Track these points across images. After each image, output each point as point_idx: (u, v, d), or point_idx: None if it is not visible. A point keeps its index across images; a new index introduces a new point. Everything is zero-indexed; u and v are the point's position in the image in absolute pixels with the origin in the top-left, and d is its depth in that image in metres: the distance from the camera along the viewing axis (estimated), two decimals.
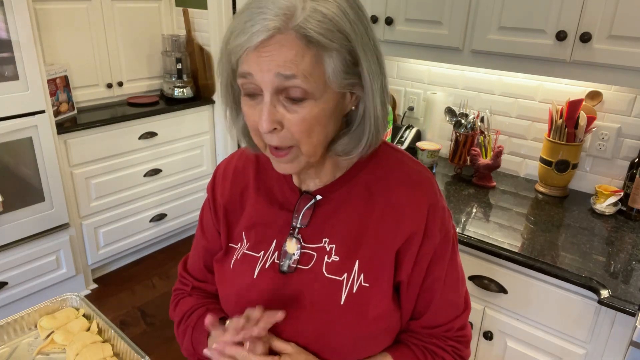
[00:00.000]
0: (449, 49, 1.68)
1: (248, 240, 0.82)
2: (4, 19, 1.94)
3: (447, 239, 0.77)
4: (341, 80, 0.65)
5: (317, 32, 0.60)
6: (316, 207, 0.78)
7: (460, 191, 1.78)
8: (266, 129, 0.64)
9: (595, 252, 1.38)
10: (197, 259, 0.94)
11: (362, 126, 0.70)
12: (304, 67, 0.61)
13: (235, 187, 0.85)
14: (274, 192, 0.82)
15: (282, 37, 0.60)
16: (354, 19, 0.64)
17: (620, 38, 1.34)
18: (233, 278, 0.82)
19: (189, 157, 2.93)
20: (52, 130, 2.20)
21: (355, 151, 0.71)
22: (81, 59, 2.59)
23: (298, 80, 0.61)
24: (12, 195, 2.12)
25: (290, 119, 0.64)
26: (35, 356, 1.00)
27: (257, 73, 0.62)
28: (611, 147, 1.70)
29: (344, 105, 0.69)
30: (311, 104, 0.64)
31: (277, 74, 0.61)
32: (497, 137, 1.88)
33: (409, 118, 2.20)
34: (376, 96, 0.68)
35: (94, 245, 2.58)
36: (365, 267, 0.75)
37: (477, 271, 1.47)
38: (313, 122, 0.65)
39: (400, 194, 0.75)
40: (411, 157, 0.82)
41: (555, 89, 1.77)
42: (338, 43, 0.62)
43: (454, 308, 0.82)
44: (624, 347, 1.23)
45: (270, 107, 0.63)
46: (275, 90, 0.63)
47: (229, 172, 0.87)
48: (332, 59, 0.63)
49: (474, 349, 1.54)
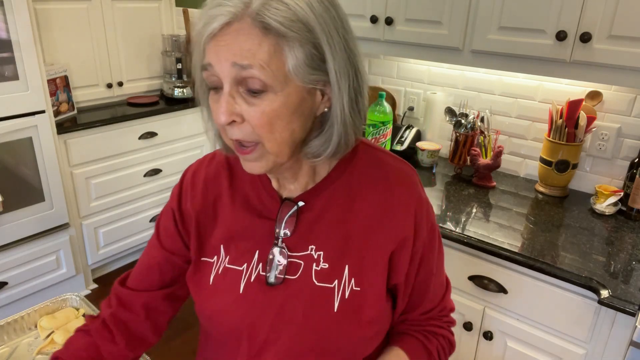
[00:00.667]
0: (449, 49, 1.68)
1: (227, 253, 0.78)
2: (4, 19, 1.94)
3: (433, 231, 0.79)
4: (305, 74, 0.62)
5: (275, 19, 0.58)
6: (299, 213, 0.75)
7: (460, 191, 1.78)
8: (224, 120, 0.62)
9: (595, 252, 1.38)
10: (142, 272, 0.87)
11: (332, 127, 0.67)
12: (261, 57, 0.59)
13: (207, 197, 0.80)
14: (251, 200, 0.78)
15: (239, 25, 0.59)
16: (319, 12, 0.61)
17: (620, 38, 1.34)
18: (215, 294, 0.77)
19: (189, 157, 2.92)
20: (52, 130, 2.20)
21: (324, 154, 0.68)
22: (81, 59, 2.59)
23: (255, 71, 0.59)
24: (12, 195, 2.12)
25: (250, 111, 0.62)
26: (35, 356, 1.00)
27: (216, 63, 0.61)
28: (611, 147, 1.70)
29: (314, 104, 0.66)
30: (271, 97, 0.61)
31: (234, 64, 0.59)
32: (497, 137, 1.88)
33: (409, 118, 2.20)
34: (344, 95, 0.65)
35: (94, 245, 2.58)
36: (355, 271, 0.73)
37: (477, 271, 1.46)
38: (273, 116, 0.62)
39: (385, 196, 0.74)
40: (390, 153, 0.81)
41: (555, 89, 1.77)
42: (300, 34, 0.60)
43: (442, 287, 0.86)
44: (624, 347, 1.23)
45: (229, 98, 0.61)
46: (234, 80, 0.61)
47: (199, 179, 0.82)
48: (294, 51, 0.60)
49: (474, 349, 1.54)
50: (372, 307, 0.74)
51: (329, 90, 0.65)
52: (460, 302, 1.52)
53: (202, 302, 0.79)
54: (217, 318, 0.77)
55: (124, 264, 2.87)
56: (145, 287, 0.86)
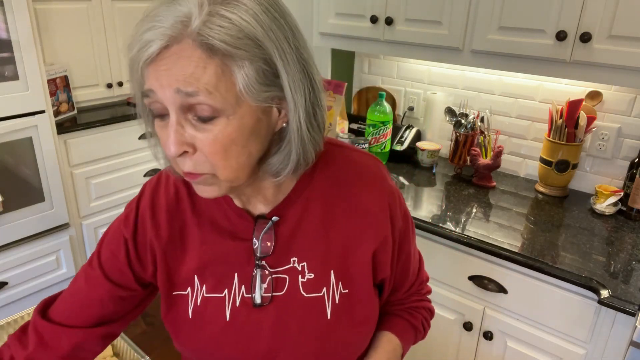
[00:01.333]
0: (449, 49, 1.68)
1: (203, 282, 0.73)
2: (4, 19, 1.94)
3: (406, 217, 0.80)
4: (258, 93, 0.56)
5: (220, 39, 0.52)
6: (275, 227, 0.72)
7: (460, 191, 1.78)
8: (174, 152, 0.56)
9: (595, 252, 1.38)
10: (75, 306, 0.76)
11: (290, 145, 0.62)
12: (207, 81, 0.53)
13: (172, 225, 0.73)
14: (220, 222, 0.73)
15: (180, 48, 0.53)
16: (268, 25, 0.56)
17: (620, 38, 1.34)
18: (198, 328, 0.73)
19: None
20: (52, 130, 2.20)
21: (283, 172, 0.64)
22: (81, 59, 2.59)
23: (202, 97, 0.54)
24: (12, 195, 2.12)
25: (201, 139, 0.56)
26: None
27: (157, 89, 0.55)
28: (611, 147, 1.70)
29: (271, 121, 0.61)
30: (223, 122, 0.56)
31: (178, 90, 0.53)
32: (497, 137, 1.88)
33: (409, 118, 2.20)
34: (299, 110, 0.60)
35: (94, 246, 2.58)
36: (341, 275, 0.73)
37: (477, 271, 1.46)
38: (227, 142, 0.57)
39: (359, 196, 0.73)
40: (356, 149, 0.78)
41: (555, 89, 1.77)
42: (248, 51, 0.54)
43: (416, 264, 0.88)
44: (624, 347, 1.23)
45: (177, 127, 0.56)
46: (180, 108, 0.55)
47: (160, 208, 0.74)
48: (244, 69, 0.54)
49: (474, 349, 1.54)
50: (364, 305, 0.74)
51: (285, 105, 0.60)
52: (460, 302, 1.52)
53: (184, 339, 0.75)
54: (207, 350, 0.74)
55: None
56: (79, 322, 0.75)
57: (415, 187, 1.80)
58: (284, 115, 0.62)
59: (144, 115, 0.64)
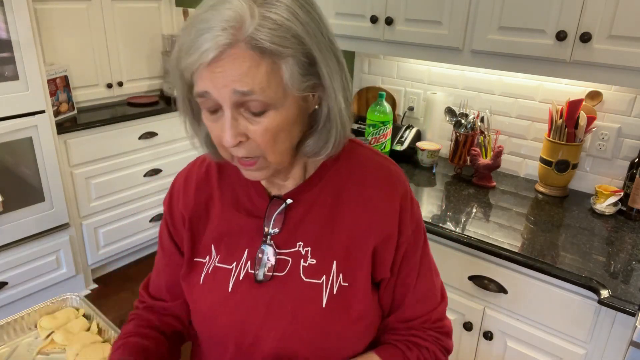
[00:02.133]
0: (449, 49, 1.68)
1: (218, 252, 0.79)
2: (4, 19, 1.94)
3: (418, 230, 0.79)
4: (300, 84, 0.63)
5: (270, 40, 0.58)
6: (287, 211, 0.77)
7: (460, 191, 1.78)
8: (231, 144, 0.63)
9: (595, 252, 1.38)
10: (157, 277, 0.90)
11: (329, 124, 0.69)
12: (260, 80, 0.59)
13: (199, 197, 0.82)
14: (240, 199, 0.80)
15: (234, 51, 0.58)
16: (305, 20, 0.61)
17: (620, 38, 1.34)
18: (205, 294, 0.79)
19: (189, 157, 2.91)
20: (52, 130, 2.20)
21: (325, 150, 0.70)
22: (81, 59, 2.59)
23: (256, 95, 0.60)
24: (12, 195, 2.12)
25: (254, 130, 0.63)
26: (35, 356, 1.00)
27: (213, 90, 0.60)
28: (611, 147, 1.70)
29: (307, 106, 0.68)
30: (273, 114, 0.62)
31: (234, 91, 0.59)
32: (497, 137, 1.88)
33: (409, 118, 2.20)
34: (338, 93, 0.67)
35: (93, 245, 2.58)
36: (343, 267, 0.74)
37: (477, 271, 1.46)
38: (276, 131, 0.64)
39: (371, 192, 0.75)
40: (376, 151, 0.82)
41: (555, 89, 1.77)
42: (293, 48, 0.60)
43: (430, 300, 0.82)
44: (624, 347, 1.23)
45: (232, 121, 0.62)
46: (235, 104, 0.61)
47: (191, 182, 0.83)
48: (289, 65, 0.61)
49: (474, 349, 1.54)
50: (361, 302, 0.75)
51: (319, 90, 0.66)
52: (460, 302, 1.52)
53: (193, 302, 0.80)
54: (208, 316, 0.78)
55: (124, 264, 2.87)
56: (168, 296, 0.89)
57: (416, 187, 1.80)
58: (316, 99, 0.68)
59: (185, 110, 0.71)
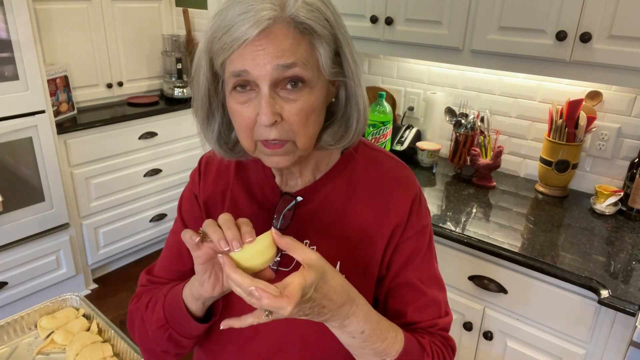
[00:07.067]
0: (449, 49, 1.68)
1: None
2: (4, 19, 1.94)
3: (425, 232, 0.78)
4: (329, 69, 0.66)
5: (310, 19, 0.62)
6: (296, 208, 0.77)
7: (460, 191, 1.78)
8: (268, 121, 0.63)
9: (595, 252, 1.38)
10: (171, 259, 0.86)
11: (349, 113, 0.71)
12: (301, 55, 0.62)
13: (217, 184, 0.84)
14: (254, 191, 0.81)
15: (277, 30, 0.60)
16: (332, 9, 0.66)
17: (620, 38, 1.34)
18: None
19: (188, 157, 2.92)
20: (52, 130, 2.20)
21: (345, 139, 0.72)
22: (81, 59, 2.59)
23: (297, 69, 0.62)
24: (12, 195, 2.12)
25: (289, 109, 0.64)
26: (35, 356, 1.00)
27: (253, 68, 0.61)
28: (611, 147, 1.70)
29: (329, 96, 0.70)
30: (308, 93, 0.64)
31: (277, 66, 0.61)
32: (497, 137, 1.88)
33: (409, 118, 2.20)
34: (361, 82, 0.70)
35: (94, 245, 2.58)
36: (346, 269, 0.74)
37: (477, 271, 1.47)
38: (309, 111, 0.65)
39: (382, 197, 0.75)
40: (389, 154, 0.82)
41: (555, 89, 1.77)
42: (328, 31, 0.64)
43: (435, 308, 0.79)
44: (624, 347, 1.23)
45: (270, 99, 0.63)
46: (274, 82, 0.62)
47: (212, 167, 0.85)
48: (323, 47, 0.64)
49: (474, 349, 1.54)
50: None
51: (340, 78, 0.69)
52: (460, 302, 1.52)
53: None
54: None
55: (124, 264, 2.87)
56: (176, 276, 0.85)
57: None
58: (334, 89, 0.71)
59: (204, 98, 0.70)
